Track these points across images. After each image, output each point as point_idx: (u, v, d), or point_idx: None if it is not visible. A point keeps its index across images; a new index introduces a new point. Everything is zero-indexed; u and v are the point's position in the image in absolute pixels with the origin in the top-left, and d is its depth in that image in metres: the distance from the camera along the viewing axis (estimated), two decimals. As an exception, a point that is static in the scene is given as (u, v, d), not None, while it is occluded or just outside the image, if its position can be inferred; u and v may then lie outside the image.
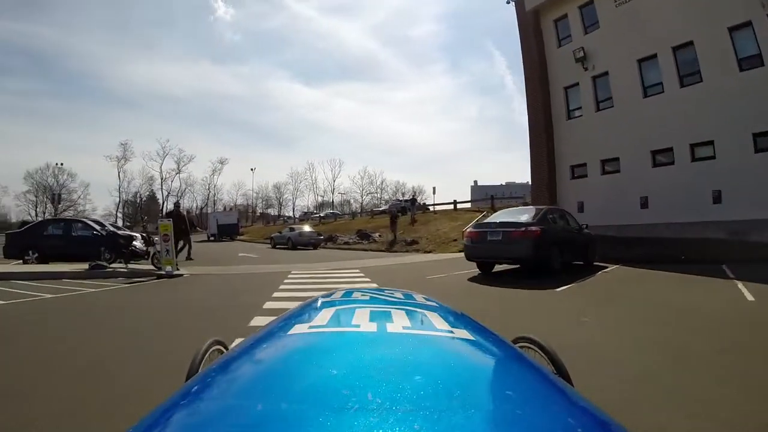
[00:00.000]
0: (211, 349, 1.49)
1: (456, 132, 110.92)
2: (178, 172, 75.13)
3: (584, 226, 12.19)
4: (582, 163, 20.70)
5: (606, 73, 20.14)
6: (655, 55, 18.41)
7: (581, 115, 21.02)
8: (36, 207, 62.34)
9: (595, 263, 12.28)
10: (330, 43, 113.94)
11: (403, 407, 0.60)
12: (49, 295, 8.33)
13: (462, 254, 17.20)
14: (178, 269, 11.67)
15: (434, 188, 39.06)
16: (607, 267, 11.59)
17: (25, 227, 16.02)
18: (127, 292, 9.21)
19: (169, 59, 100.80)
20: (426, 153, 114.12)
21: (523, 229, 9.79)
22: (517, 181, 74.67)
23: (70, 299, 8.13)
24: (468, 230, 11.44)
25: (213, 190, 78.99)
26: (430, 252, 19.30)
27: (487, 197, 33.85)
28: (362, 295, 1.53)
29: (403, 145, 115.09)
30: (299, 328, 1.04)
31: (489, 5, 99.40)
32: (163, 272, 11.15)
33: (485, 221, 11.39)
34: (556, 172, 21.31)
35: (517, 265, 10.95)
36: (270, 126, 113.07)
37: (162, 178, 74.95)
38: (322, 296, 1.50)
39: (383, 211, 40.83)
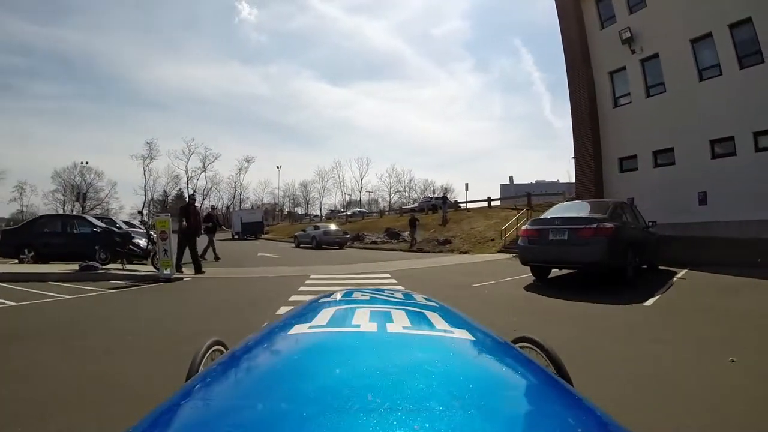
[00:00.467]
0: (211, 349, 1.49)
1: (483, 130, 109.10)
2: (204, 170, 75.37)
3: (651, 223, 10.50)
4: (632, 155, 19.02)
5: (656, 56, 18.47)
6: (709, 34, 16.71)
7: (629, 102, 19.36)
8: (64, 205, 63.04)
9: (659, 267, 10.77)
10: (355, 42, 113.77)
11: (404, 407, 0.60)
12: (11, 303, 7.08)
13: (502, 255, 16.34)
14: (182, 271, 10.60)
15: (467, 185, 37.35)
16: (676, 272, 10.04)
17: (20, 224, 15.15)
18: (103, 300, 7.69)
19: (196, 61, 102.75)
20: (453, 151, 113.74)
21: (595, 225, 7.92)
22: (546, 180, 72.42)
23: (30, 309, 6.78)
24: (524, 228, 9.52)
25: (239, 189, 78.96)
26: (466, 253, 17.95)
27: (518, 195, 32.23)
28: (362, 295, 1.54)
29: (430, 143, 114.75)
30: (299, 328, 1.03)
31: (514, 1, 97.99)
32: (160, 275, 9.87)
33: (545, 217, 9.41)
34: (602, 165, 19.67)
35: (573, 270, 9.46)
36: (297, 125, 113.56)
37: (188, 177, 75.49)
38: (323, 296, 1.56)
39: (412, 209, 39.57)
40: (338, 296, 1.53)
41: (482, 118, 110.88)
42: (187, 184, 74.59)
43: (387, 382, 0.70)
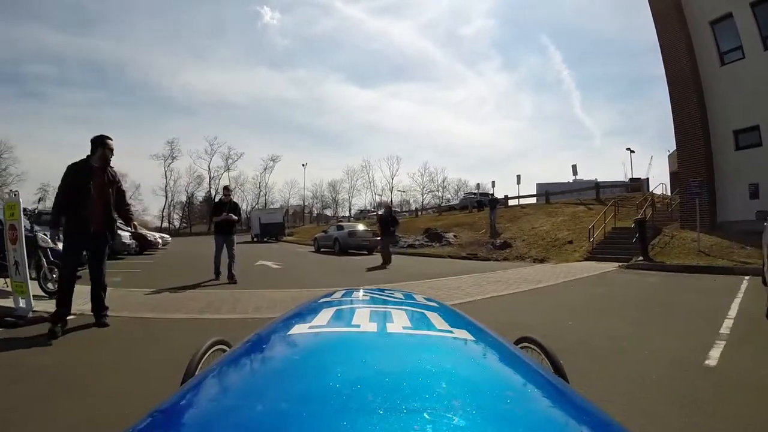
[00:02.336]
0: (212, 349, 1.45)
1: (514, 130, 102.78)
2: (227, 169, 72.33)
3: None
4: (752, 126, 14.33)
5: (771, -4, 13.89)
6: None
7: (742, 58, 14.72)
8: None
9: None
10: (382, 44, 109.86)
11: (404, 407, 0.59)
12: None
13: (599, 265, 11.39)
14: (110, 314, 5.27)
15: (518, 177, 30.57)
16: None
17: None
18: None
19: (223, 68, 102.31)
20: (484, 152, 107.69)
21: None
22: (585, 178, 68.36)
23: None
24: None
25: (264, 189, 75.74)
26: (542, 261, 13.61)
27: (582, 188, 27.76)
28: (362, 295, 1.54)
29: (461, 144, 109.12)
30: (299, 328, 1.01)
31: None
32: (16, 310, 5.25)
33: None
34: (711, 140, 15.02)
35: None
36: (326, 128, 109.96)
37: (210, 177, 72.50)
38: (322, 296, 1.52)
39: (452, 207, 35.33)
40: (338, 296, 1.52)
41: (512, 118, 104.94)
42: (209, 185, 72.14)
43: (387, 382, 0.69)
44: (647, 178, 31.85)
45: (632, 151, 38.83)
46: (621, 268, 10.75)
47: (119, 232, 15.56)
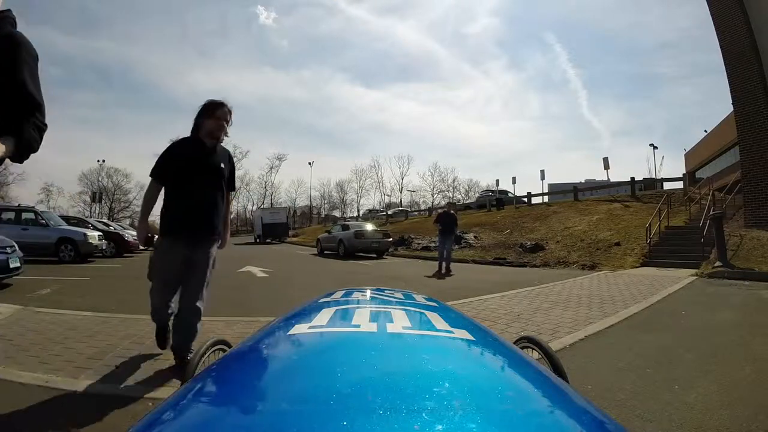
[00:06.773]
0: (212, 349, 1.44)
1: (521, 131, 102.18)
2: (231, 168, 71.31)
3: None
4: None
5: None
6: None
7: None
8: (90, 207, 59.00)
9: None
10: (387, 44, 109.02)
11: (404, 407, 0.58)
12: None
13: (667, 273, 9.29)
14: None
15: (542, 171, 27.41)
16: None
17: None
18: None
19: (229, 69, 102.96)
20: (492, 152, 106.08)
21: None
22: (597, 178, 67.57)
23: None
24: None
25: (270, 189, 73.56)
26: (592, 267, 11.50)
27: (611, 184, 25.76)
28: (362, 294, 1.51)
29: (469, 145, 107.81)
30: (299, 328, 1.00)
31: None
32: None
33: None
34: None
35: None
36: (333, 129, 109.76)
37: (215, 176, 70.97)
38: (323, 296, 1.50)
39: (468, 206, 33.33)
40: (338, 296, 1.49)
41: (520, 118, 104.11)
42: (215, 183, 70.75)
43: (387, 382, 0.69)
44: (661, 178, 29.83)
45: (655, 147, 36.93)
46: (702, 277, 8.66)
47: (87, 231, 13.92)
